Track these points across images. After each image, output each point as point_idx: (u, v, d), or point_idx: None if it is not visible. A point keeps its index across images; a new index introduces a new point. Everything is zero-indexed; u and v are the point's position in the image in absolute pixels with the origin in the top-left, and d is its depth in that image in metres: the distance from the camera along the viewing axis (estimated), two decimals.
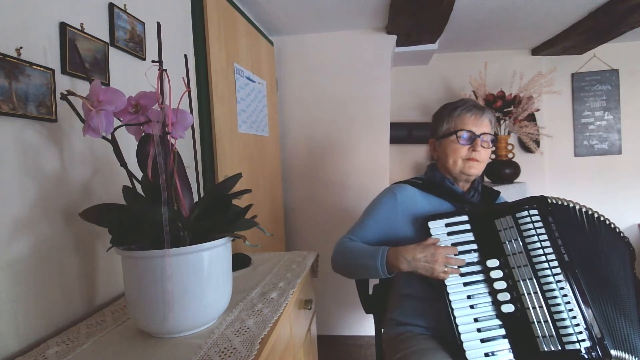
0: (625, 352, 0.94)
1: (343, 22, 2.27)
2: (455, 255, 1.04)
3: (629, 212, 2.90)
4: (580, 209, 1.07)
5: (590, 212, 1.07)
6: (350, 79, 2.45)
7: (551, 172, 2.98)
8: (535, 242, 1.00)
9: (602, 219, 1.07)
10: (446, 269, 1.01)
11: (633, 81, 2.86)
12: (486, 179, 2.76)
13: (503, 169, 2.61)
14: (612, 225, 1.08)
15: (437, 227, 1.09)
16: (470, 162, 1.16)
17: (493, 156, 2.69)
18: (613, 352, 0.93)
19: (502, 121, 2.57)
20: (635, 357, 0.95)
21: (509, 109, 2.51)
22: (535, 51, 2.86)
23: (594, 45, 2.67)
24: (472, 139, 1.16)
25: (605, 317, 0.96)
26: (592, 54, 2.85)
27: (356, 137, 2.47)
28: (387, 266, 1.06)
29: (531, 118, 2.72)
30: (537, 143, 2.74)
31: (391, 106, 2.46)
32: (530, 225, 1.02)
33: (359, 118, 2.46)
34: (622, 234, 1.10)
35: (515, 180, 2.70)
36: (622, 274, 1.03)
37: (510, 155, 2.67)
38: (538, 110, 2.64)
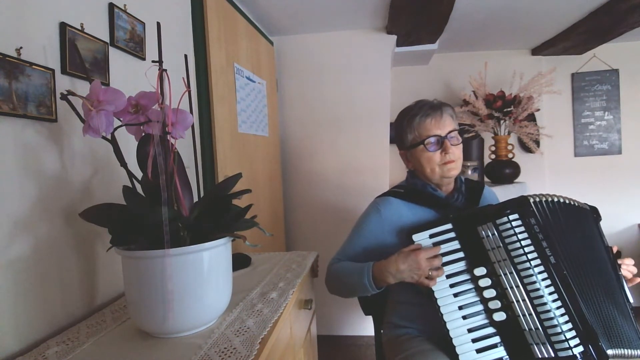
0: (623, 348, 0.93)
1: (343, 22, 2.27)
2: (439, 255, 1.02)
3: (629, 212, 2.89)
4: (558, 201, 1.04)
5: (573, 203, 1.04)
6: (350, 79, 2.45)
7: (551, 172, 2.98)
8: (518, 248, 0.97)
9: (581, 205, 1.05)
10: (431, 273, 0.99)
11: (633, 81, 2.86)
12: (486, 179, 2.76)
13: (503, 169, 2.61)
14: (577, 204, 1.05)
15: (422, 240, 1.06)
16: (447, 165, 1.14)
17: (493, 156, 2.69)
18: (610, 352, 0.92)
19: (502, 121, 2.57)
20: (633, 350, 0.94)
21: (509, 109, 2.51)
22: (535, 51, 2.86)
23: (594, 45, 2.67)
24: (441, 143, 1.14)
25: (599, 314, 0.95)
26: (592, 54, 2.84)
27: (356, 137, 2.47)
28: (375, 282, 1.05)
29: (531, 118, 2.71)
30: (537, 143, 2.74)
31: (391, 106, 2.46)
32: (512, 232, 0.99)
33: (359, 118, 2.46)
34: (588, 207, 1.07)
35: (515, 181, 2.70)
36: (604, 255, 1.02)
37: (510, 155, 2.67)
38: (538, 110, 2.64)
